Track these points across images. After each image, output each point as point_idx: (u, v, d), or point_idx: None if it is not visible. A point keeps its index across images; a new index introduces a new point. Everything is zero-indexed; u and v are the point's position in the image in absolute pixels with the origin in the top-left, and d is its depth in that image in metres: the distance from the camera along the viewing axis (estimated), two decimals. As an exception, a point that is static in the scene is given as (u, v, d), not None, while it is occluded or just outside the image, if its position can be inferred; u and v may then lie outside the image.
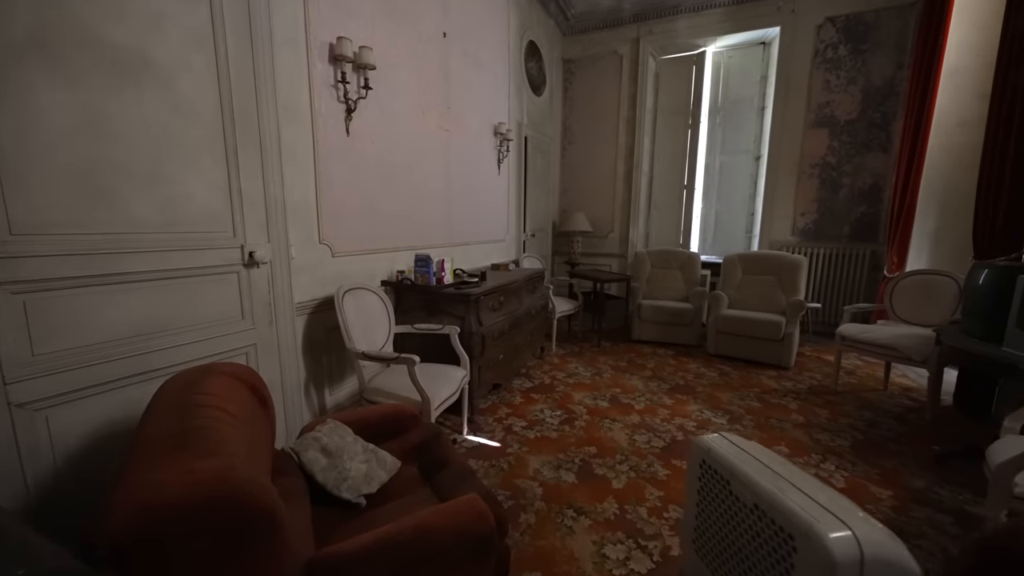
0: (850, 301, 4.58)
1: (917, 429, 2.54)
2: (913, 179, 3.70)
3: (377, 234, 2.60)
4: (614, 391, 3.09)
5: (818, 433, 2.49)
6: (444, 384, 2.06)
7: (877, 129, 4.43)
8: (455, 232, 3.45)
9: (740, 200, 5.39)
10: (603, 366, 3.64)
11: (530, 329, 3.31)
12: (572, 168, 5.77)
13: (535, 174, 4.93)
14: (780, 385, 3.24)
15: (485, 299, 2.59)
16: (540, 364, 3.65)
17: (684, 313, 4.16)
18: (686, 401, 2.93)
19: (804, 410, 2.80)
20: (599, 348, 4.14)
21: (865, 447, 2.34)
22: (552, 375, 3.40)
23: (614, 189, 5.56)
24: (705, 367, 3.63)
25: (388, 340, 2.31)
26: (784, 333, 3.54)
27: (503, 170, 4.15)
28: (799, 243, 4.79)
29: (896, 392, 3.10)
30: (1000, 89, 2.65)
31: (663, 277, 4.64)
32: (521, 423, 2.59)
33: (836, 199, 4.64)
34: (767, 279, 4.08)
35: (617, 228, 5.61)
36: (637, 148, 5.36)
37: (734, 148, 5.36)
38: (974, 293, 2.18)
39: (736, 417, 2.69)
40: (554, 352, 4.00)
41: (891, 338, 2.72)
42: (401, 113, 2.70)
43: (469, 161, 3.56)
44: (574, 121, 5.67)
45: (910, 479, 2.05)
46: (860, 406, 2.87)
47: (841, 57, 4.47)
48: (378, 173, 2.56)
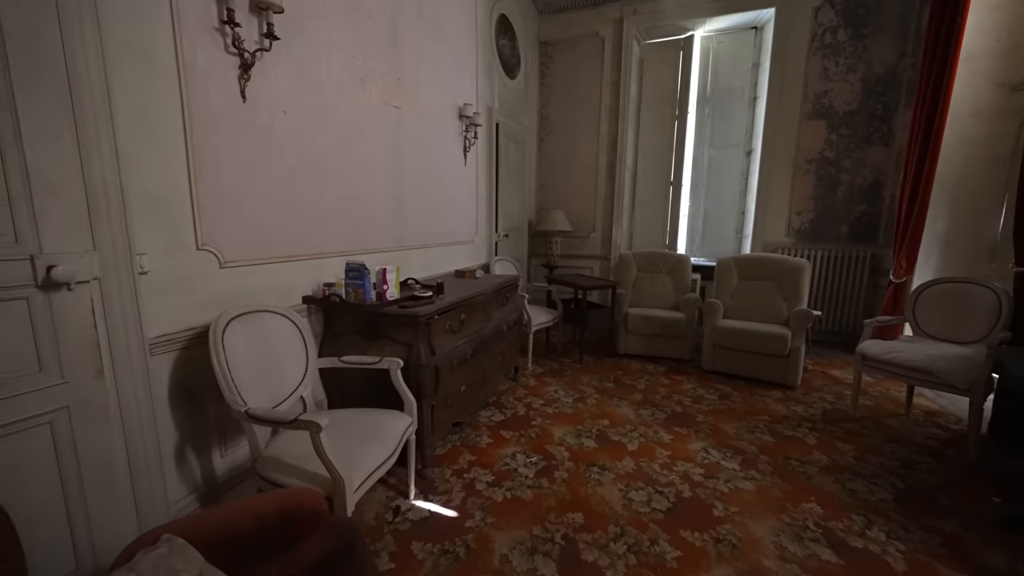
0: (850, 307, 4.23)
1: (961, 471, 2.12)
2: (926, 175, 3.33)
3: (297, 235, 1.98)
4: (601, 424, 2.58)
5: (850, 480, 2.03)
6: (374, 447, 1.48)
7: (878, 121, 4.08)
8: (410, 233, 2.86)
9: (730, 198, 4.99)
10: (587, 388, 3.12)
11: (501, 349, 2.76)
12: (550, 161, 5.25)
13: (509, 167, 4.37)
14: (790, 411, 2.79)
15: (440, 319, 2.02)
16: (514, 388, 3.10)
17: (675, 324, 3.69)
18: (687, 436, 2.44)
19: (825, 445, 2.35)
20: (581, 364, 3.63)
21: (911, 500, 1.89)
22: (528, 402, 2.86)
23: (596, 185, 5.07)
24: (702, 388, 3.17)
25: (304, 381, 1.71)
26: (790, 348, 3.11)
27: (471, 160, 3.58)
28: (795, 244, 4.41)
29: (920, 418, 2.70)
30: None
31: (650, 282, 4.18)
32: (487, 477, 2.03)
33: (834, 197, 4.28)
34: (766, 285, 3.66)
35: (599, 228, 5.13)
36: (620, 140, 4.88)
37: (723, 141, 4.95)
38: (1045, 311, 1.76)
39: (749, 459, 2.21)
40: (530, 371, 3.46)
41: (925, 360, 2.30)
42: (330, 79, 2.10)
43: (428, 147, 2.97)
44: (552, 110, 5.15)
45: (982, 551, 1.60)
46: (886, 438, 2.44)
47: (840, 42, 4.10)
48: (297, 155, 1.95)
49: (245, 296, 1.72)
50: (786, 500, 1.89)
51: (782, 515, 1.79)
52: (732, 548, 1.60)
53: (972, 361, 2.21)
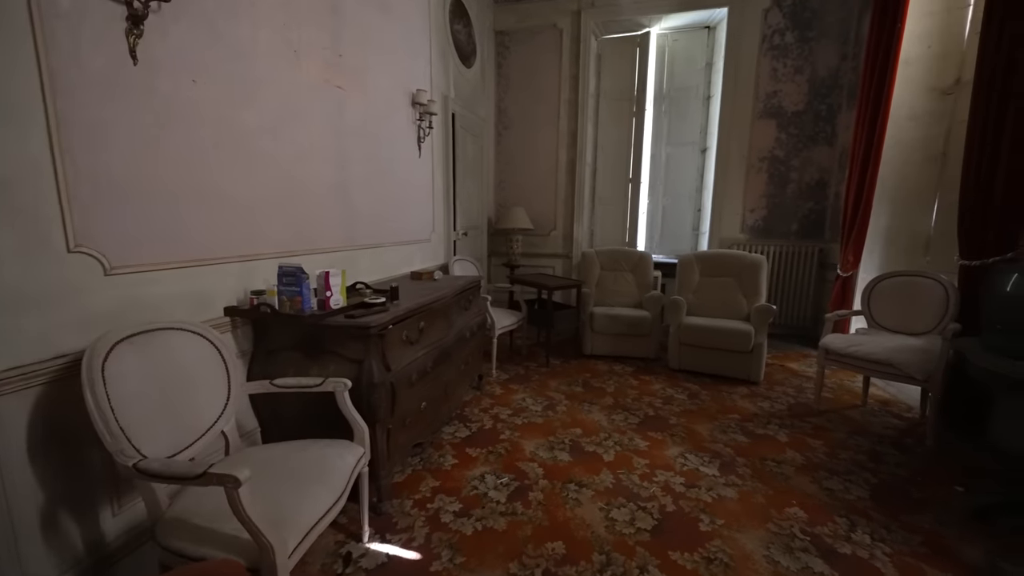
0: (800, 301, 4.39)
1: (924, 461, 2.16)
2: (870, 175, 3.48)
3: (217, 232, 1.64)
4: (574, 433, 2.41)
5: (827, 479, 2.00)
6: (317, 491, 1.20)
7: (823, 122, 4.25)
8: (360, 231, 2.55)
9: (687, 195, 5.04)
10: (555, 394, 2.96)
11: (464, 358, 2.52)
12: (509, 157, 5.05)
13: (466, 161, 4.13)
14: (758, 407, 2.78)
15: (395, 330, 1.76)
16: (479, 398, 2.87)
17: (641, 322, 3.62)
18: (662, 442, 2.34)
19: (797, 443, 2.33)
20: (548, 368, 3.47)
21: (886, 495, 1.88)
22: (494, 413, 2.64)
23: (556, 181, 4.94)
24: (671, 387, 3.10)
25: (226, 413, 1.39)
26: (753, 344, 3.12)
27: (426, 152, 3.30)
28: (749, 241, 4.51)
29: (877, 408, 2.78)
30: (988, 80, 2.35)
31: (614, 280, 4.10)
32: (453, 505, 1.80)
33: (784, 194, 4.42)
34: (727, 281, 3.68)
35: (560, 225, 5.00)
36: (580, 136, 4.77)
37: (680, 139, 4.99)
38: (1002, 302, 1.80)
39: (727, 462, 2.14)
40: (495, 378, 3.25)
41: (885, 353, 2.33)
42: (257, 48, 1.76)
43: (377, 135, 2.66)
44: (510, 103, 4.95)
45: (961, 547, 1.59)
46: (850, 430, 2.47)
47: (788, 44, 4.22)
48: (214, 133, 1.60)
49: (144, 310, 1.37)
50: (770, 506, 1.81)
51: (768, 524, 1.70)
52: (725, 568, 1.48)
53: (928, 352, 2.26)
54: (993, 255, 2.28)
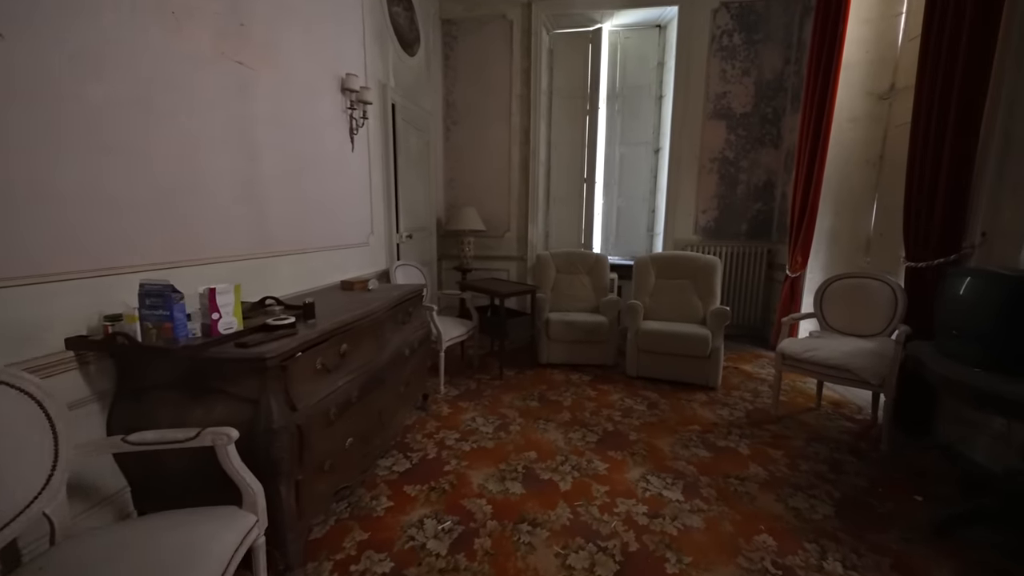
0: (751, 302, 4.43)
1: (880, 468, 2.12)
2: (816, 176, 3.52)
3: (58, 241, 1.25)
4: (528, 458, 2.18)
5: (792, 496, 1.89)
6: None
7: (769, 124, 4.31)
8: (277, 234, 2.18)
9: (641, 196, 4.98)
10: (509, 411, 2.72)
11: (404, 378, 2.22)
12: (459, 153, 4.76)
13: (410, 156, 3.80)
14: (717, 415, 2.69)
15: (305, 357, 1.44)
16: (423, 421, 2.57)
17: (598, 328, 3.47)
18: (623, 463, 2.16)
19: (758, 455, 2.24)
20: (501, 381, 3.22)
21: (851, 511, 1.80)
22: (440, 439, 2.36)
23: (509, 180, 4.71)
24: (630, 397, 2.96)
25: (49, 488, 1.01)
26: (711, 349, 3.04)
27: (360, 146, 2.95)
28: (701, 242, 4.51)
29: (830, 410, 2.77)
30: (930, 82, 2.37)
31: (570, 284, 3.93)
32: (384, 564, 1.50)
33: (735, 195, 4.45)
34: (682, 284, 3.61)
35: (514, 226, 4.78)
36: (533, 133, 4.57)
37: (633, 139, 4.92)
38: (956, 306, 1.76)
39: (691, 483, 1.99)
40: (443, 395, 2.96)
41: (842, 358, 2.29)
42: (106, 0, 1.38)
43: (299, 124, 2.30)
44: (459, 96, 4.66)
45: (932, 568, 1.51)
46: (808, 437, 2.42)
47: (736, 46, 4.24)
48: (45, 113, 1.21)
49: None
50: (738, 534, 1.66)
51: (738, 557, 1.55)
52: (696, 621, 1.30)
53: (881, 356, 2.24)
54: (938, 257, 2.29)
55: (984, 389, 1.48)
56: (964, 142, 2.18)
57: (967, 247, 2.22)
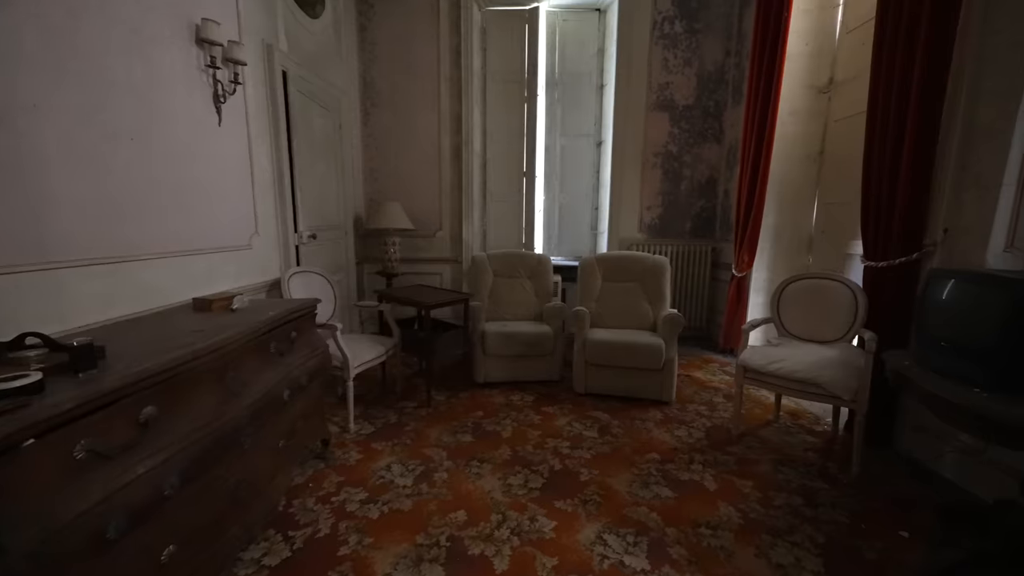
0: (696, 302, 4.26)
1: (856, 496, 1.88)
2: (762, 172, 3.35)
3: None
4: (454, 521, 1.69)
5: (772, 548, 1.57)
6: None
7: (711, 118, 4.15)
8: (71, 233, 1.49)
9: (584, 192, 4.66)
10: (435, 450, 2.21)
11: (284, 429, 1.63)
12: (382, 141, 4.14)
13: (314, 140, 3.14)
14: (675, 438, 2.36)
15: (52, 446, 0.83)
16: (321, 475, 1.98)
17: (542, 340, 3.05)
18: (573, 517, 1.73)
19: (726, 489, 1.92)
20: (429, 409, 2.69)
21: (841, 564, 1.50)
22: (340, 502, 1.79)
23: (440, 173, 4.17)
24: (579, 420, 2.56)
25: None
26: (665, 360, 2.73)
27: (233, 119, 2.27)
28: (647, 240, 4.26)
29: (789, 423, 2.56)
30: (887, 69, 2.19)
31: (510, 289, 3.48)
32: None
33: (679, 192, 4.25)
34: (630, 287, 3.30)
35: (447, 225, 4.24)
36: (466, 120, 4.07)
37: (575, 130, 4.58)
38: (946, 313, 1.52)
39: (656, 540, 1.60)
40: (353, 433, 2.37)
41: (810, 369, 2.04)
42: None
43: (113, 77, 1.61)
44: (378, 75, 4.03)
45: (946, 644, 1.23)
46: (774, 459, 2.16)
47: (678, 34, 4.02)
48: None
49: None
50: (720, 618, 1.29)
51: (726, 659, 1.17)
52: None
53: (850, 367, 2.01)
54: (899, 256, 2.12)
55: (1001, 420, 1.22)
56: (926, 132, 2.01)
57: (929, 245, 2.05)
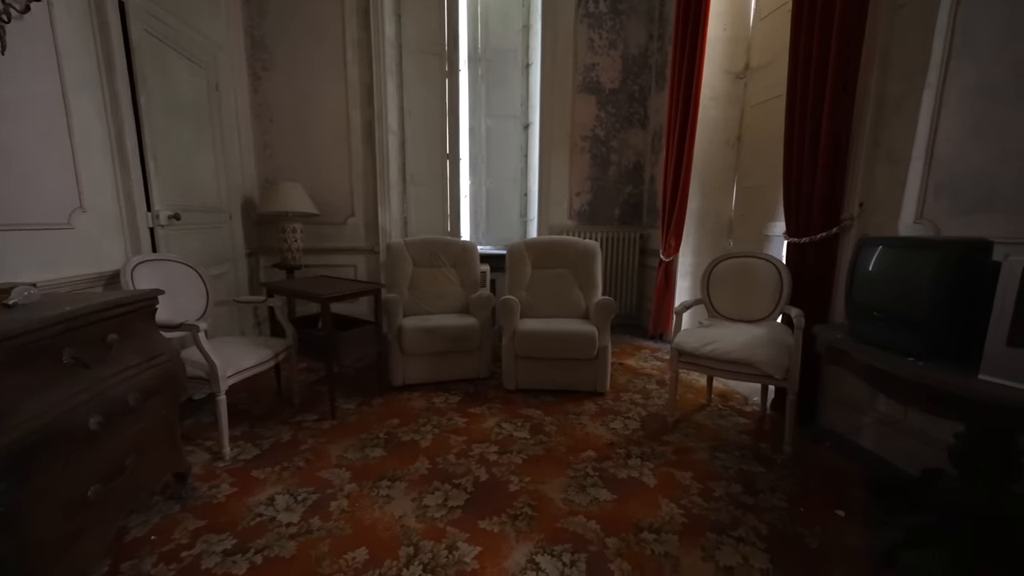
0: (625, 289, 4.21)
1: (792, 478, 1.82)
2: (686, 156, 3.33)
3: None
4: (351, 564, 1.32)
5: (718, 548, 1.42)
6: None
7: (636, 103, 4.11)
8: None
9: (512, 177, 4.42)
10: (335, 472, 1.81)
11: (75, 484, 1.15)
12: (277, 112, 3.54)
13: (176, 98, 2.52)
14: (611, 431, 2.19)
15: None
16: (172, 523, 1.50)
17: (468, 334, 2.75)
18: (501, 538, 1.45)
19: (667, 484, 1.76)
20: (334, 421, 2.27)
21: (787, 557, 1.39)
22: (193, 556, 1.34)
23: (350, 151, 3.68)
24: (509, 420, 2.30)
25: None
26: (598, 348, 2.57)
27: (26, 48, 1.66)
28: (577, 227, 4.13)
29: (721, 406, 2.51)
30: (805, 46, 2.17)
31: (432, 280, 3.13)
32: None
33: (607, 178, 4.17)
34: (561, 273, 3.10)
35: (360, 211, 3.76)
36: (378, 91, 3.61)
37: (500, 111, 4.31)
38: (875, 282, 1.47)
39: (595, 556, 1.38)
40: (228, 460, 1.89)
41: (743, 350, 1.96)
42: None
43: None
44: (270, 33, 3.44)
45: (900, 638, 1.13)
46: (710, 445, 2.06)
47: (602, 14, 3.91)
48: None
49: None
50: (671, 648, 1.09)
51: None
52: None
53: (781, 345, 1.96)
54: (820, 231, 2.12)
55: (934, 386, 1.14)
56: (842, 109, 2.01)
57: (847, 219, 2.06)
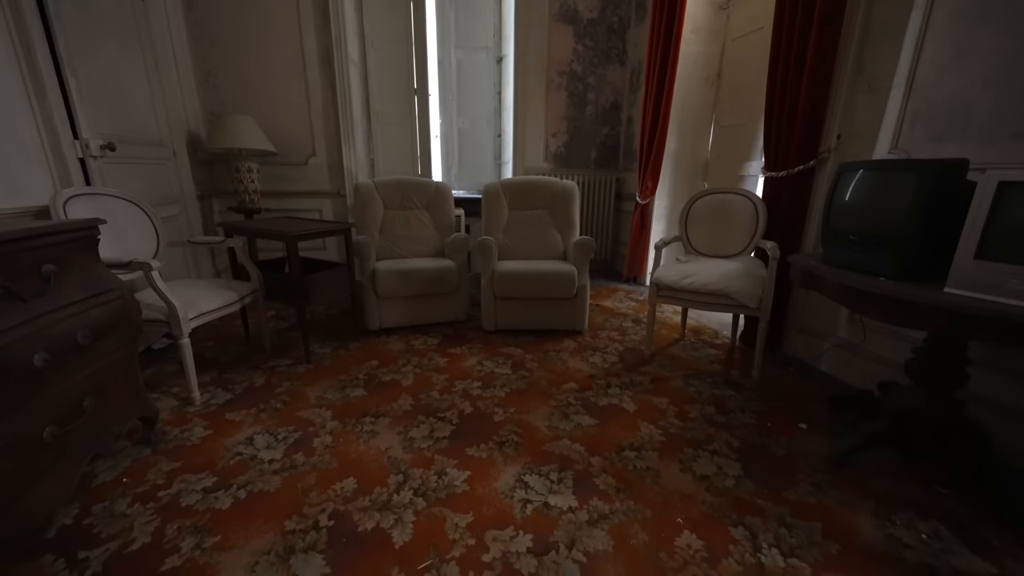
0: (600, 233, 4.20)
1: (759, 398, 1.94)
2: (666, 93, 3.23)
3: None
4: (340, 493, 1.32)
5: (695, 461, 1.51)
6: None
7: (615, 37, 3.90)
8: None
9: (485, 116, 4.18)
10: (315, 412, 1.77)
11: (28, 424, 1.05)
12: (216, 34, 3.13)
13: (98, 11, 2.15)
14: (591, 365, 2.24)
15: None
16: (145, 465, 1.43)
17: (445, 276, 2.68)
18: (489, 463, 1.48)
19: (645, 408, 1.84)
20: (310, 365, 2.20)
21: (756, 464, 1.49)
22: (171, 496, 1.29)
23: (306, 83, 3.34)
24: (490, 359, 2.31)
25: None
26: (577, 287, 2.57)
27: None
28: (553, 170, 4.02)
29: (693, 339, 2.61)
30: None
31: (404, 223, 2.99)
32: None
33: (584, 118, 4.02)
34: (538, 215, 3.04)
35: (322, 150, 3.49)
36: (335, 14, 3.25)
37: (471, 42, 3.99)
38: (849, 207, 1.50)
39: (582, 474, 1.43)
40: (199, 404, 1.81)
41: (720, 281, 2.00)
42: None
43: None
44: (200, -66, 2.96)
45: (853, 517, 1.25)
46: (685, 374, 2.15)
47: (580, -69, 3.60)
48: None
49: None
50: (657, 544, 1.16)
51: (666, 589, 1.03)
52: None
53: (756, 277, 2.02)
54: (798, 164, 2.13)
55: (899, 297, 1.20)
56: (828, 39, 1.95)
57: (823, 152, 2.07)
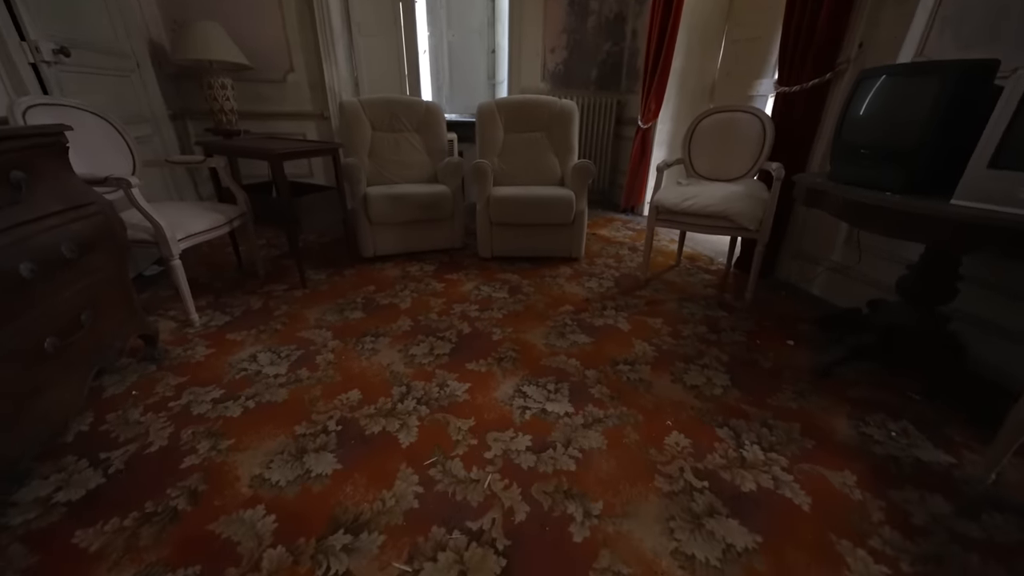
0: (599, 159, 4.04)
1: (750, 319, 1.99)
2: (675, 4, 2.94)
3: None
4: (346, 403, 1.38)
5: (686, 372, 1.58)
6: None
7: (622, -69, 3.47)
8: None
9: (477, 28, 3.84)
10: (316, 332, 1.80)
11: (31, 334, 1.04)
12: (165, -83, 2.72)
13: None
14: (587, 289, 2.27)
15: None
16: (152, 380, 1.46)
17: (439, 201, 2.60)
18: (489, 376, 1.54)
19: (639, 328, 1.89)
20: (305, 290, 2.19)
21: (743, 375, 1.57)
22: (181, 407, 1.34)
23: (276, -16, 2.98)
24: (487, 284, 2.31)
25: None
26: (575, 213, 2.52)
27: None
28: (551, 91, 3.77)
29: (689, 265, 2.63)
30: None
31: (394, 146, 2.84)
32: None
33: (585, 30, 3.70)
34: (535, 137, 2.90)
35: (301, 66, 3.21)
36: None
37: (461, -63, 3.54)
38: (865, 118, 1.43)
39: (577, 384, 1.50)
40: (199, 326, 1.82)
41: (721, 203, 1.97)
42: None
43: None
44: None
45: (832, 419, 1.34)
46: (679, 297, 2.19)
47: None
48: None
49: None
50: (647, 442, 1.25)
51: (656, 479, 1.12)
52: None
53: (758, 200, 1.98)
54: (813, 78, 2.00)
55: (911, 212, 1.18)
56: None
57: (842, 62, 1.94)
